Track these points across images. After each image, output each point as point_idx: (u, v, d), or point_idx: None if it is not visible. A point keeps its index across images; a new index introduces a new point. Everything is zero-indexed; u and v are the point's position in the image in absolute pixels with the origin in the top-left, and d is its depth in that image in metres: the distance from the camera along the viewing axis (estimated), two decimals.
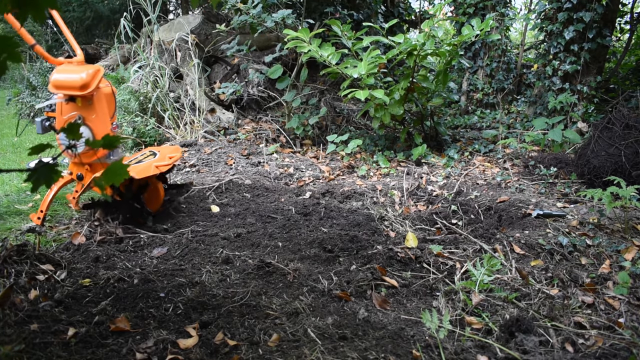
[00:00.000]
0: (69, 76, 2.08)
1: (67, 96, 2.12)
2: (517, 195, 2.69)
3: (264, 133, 4.02)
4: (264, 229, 2.11)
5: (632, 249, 1.95)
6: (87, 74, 2.09)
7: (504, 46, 5.13)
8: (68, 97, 2.12)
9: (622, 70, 5.29)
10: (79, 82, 2.06)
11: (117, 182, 0.90)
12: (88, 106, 2.14)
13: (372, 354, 1.28)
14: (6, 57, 0.72)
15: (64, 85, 2.08)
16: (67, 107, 2.14)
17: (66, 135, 0.83)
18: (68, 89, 2.08)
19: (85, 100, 2.12)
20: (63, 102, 2.13)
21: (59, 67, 2.13)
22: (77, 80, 2.06)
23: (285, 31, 3.35)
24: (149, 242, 2.01)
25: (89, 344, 1.27)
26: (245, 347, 1.30)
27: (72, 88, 2.08)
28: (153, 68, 4.35)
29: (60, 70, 2.11)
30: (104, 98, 2.18)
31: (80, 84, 2.06)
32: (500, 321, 1.47)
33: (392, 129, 4.06)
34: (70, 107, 2.14)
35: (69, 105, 2.14)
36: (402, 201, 2.71)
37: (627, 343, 1.38)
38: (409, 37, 3.42)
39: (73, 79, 2.07)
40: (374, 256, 1.85)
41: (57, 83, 2.08)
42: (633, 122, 2.84)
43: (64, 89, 2.09)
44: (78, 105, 2.13)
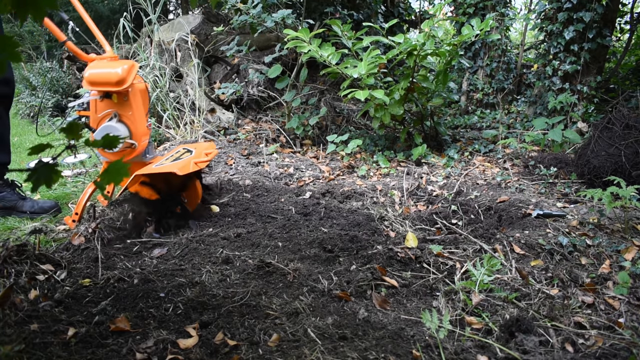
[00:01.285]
0: (104, 71, 2.03)
1: (102, 93, 2.07)
2: (517, 195, 2.69)
3: (264, 133, 4.02)
4: (264, 229, 2.11)
5: (632, 249, 1.95)
6: (122, 69, 2.03)
7: (504, 46, 5.13)
8: (103, 94, 2.07)
9: (622, 70, 5.29)
10: (115, 78, 2.01)
11: (117, 182, 0.90)
12: (124, 103, 2.09)
13: (372, 354, 1.28)
14: (6, 57, 0.72)
15: (99, 82, 2.03)
16: (101, 104, 2.09)
17: (66, 135, 0.83)
18: (103, 85, 2.03)
19: (121, 97, 2.08)
20: (97, 100, 2.08)
21: (92, 64, 2.08)
22: (113, 75, 2.01)
23: (285, 31, 3.35)
24: (149, 242, 2.01)
25: (89, 344, 1.27)
26: (245, 347, 1.30)
27: (108, 84, 2.02)
28: (153, 68, 4.35)
29: (95, 66, 2.06)
30: (139, 94, 2.14)
31: (116, 79, 2.01)
32: (500, 321, 1.47)
33: (392, 129, 4.06)
34: (105, 104, 2.09)
35: (103, 102, 2.09)
36: (402, 201, 2.71)
37: (627, 343, 1.37)
38: (409, 37, 3.42)
39: (109, 74, 2.02)
40: (374, 256, 1.85)
41: (92, 79, 2.03)
42: (633, 122, 2.84)
43: (99, 85, 2.04)
44: (114, 102, 2.08)
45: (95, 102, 2.09)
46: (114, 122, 2.07)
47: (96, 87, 2.04)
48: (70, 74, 6.08)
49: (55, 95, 5.67)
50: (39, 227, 2.06)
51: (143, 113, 2.15)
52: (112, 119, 2.08)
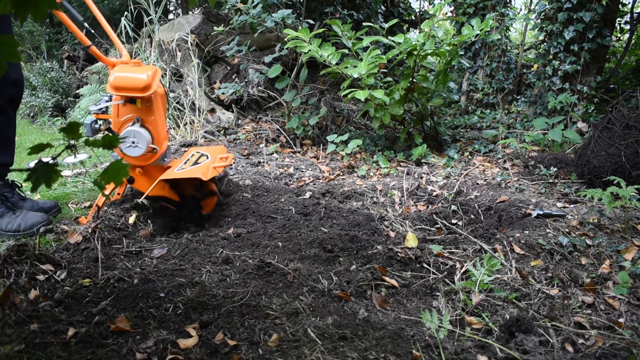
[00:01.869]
0: (130, 77, 2.03)
1: (126, 98, 2.07)
2: (517, 195, 2.69)
3: (264, 133, 4.02)
4: (264, 229, 2.11)
5: (632, 249, 1.95)
6: (147, 75, 2.04)
7: (504, 46, 5.13)
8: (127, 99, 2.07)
9: (622, 70, 5.29)
10: (141, 84, 2.02)
11: (117, 183, 0.90)
12: (147, 108, 2.10)
13: (372, 354, 1.28)
14: (6, 57, 0.72)
15: (125, 87, 2.03)
16: (124, 108, 2.10)
17: (66, 135, 0.83)
18: (129, 91, 2.03)
19: (145, 102, 2.08)
20: (120, 104, 2.08)
21: (116, 68, 2.08)
22: (139, 81, 2.02)
23: (286, 31, 3.35)
24: (149, 243, 2.01)
25: (89, 344, 1.27)
26: (245, 347, 1.30)
27: (134, 89, 2.02)
28: None
29: (120, 71, 2.05)
30: (160, 99, 2.15)
31: (142, 85, 2.02)
32: (500, 321, 1.47)
33: (392, 129, 4.06)
34: (127, 109, 2.10)
35: (126, 107, 2.09)
36: (402, 201, 2.71)
37: (627, 343, 1.37)
38: (409, 37, 3.42)
39: (135, 80, 2.02)
40: (374, 256, 1.85)
41: (117, 84, 2.03)
42: (633, 122, 2.84)
43: (125, 91, 2.04)
44: (137, 107, 2.09)
45: (118, 107, 2.10)
46: (137, 127, 2.08)
47: (121, 92, 2.04)
48: (70, 74, 6.08)
49: (55, 95, 5.67)
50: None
51: (163, 118, 2.17)
52: (135, 123, 2.10)
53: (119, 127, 2.11)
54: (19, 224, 2.01)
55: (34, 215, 2.05)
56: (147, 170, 2.22)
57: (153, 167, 2.22)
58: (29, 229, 2.00)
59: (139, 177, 2.22)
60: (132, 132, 2.07)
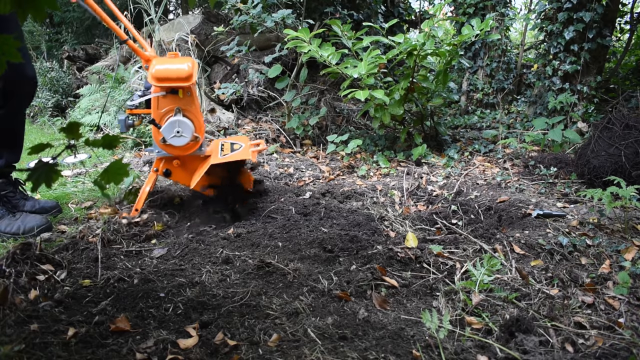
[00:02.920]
0: (173, 68, 2.06)
1: (167, 89, 2.10)
2: (517, 195, 2.69)
3: (264, 133, 4.02)
4: (264, 229, 2.11)
5: (632, 249, 1.95)
6: (188, 66, 2.08)
7: (504, 46, 5.14)
8: (168, 90, 2.10)
9: (622, 70, 5.29)
10: (184, 73, 2.05)
11: (117, 182, 0.90)
12: (188, 98, 2.13)
13: (372, 354, 1.28)
14: (6, 56, 0.72)
15: (169, 77, 2.06)
16: (164, 100, 2.13)
17: (66, 135, 0.83)
18: (173, 81, 2.07)
19: (185, 92, 2.12)
20: (160, 96, 2.11)
21: (156, 60, 2.11)
22: (181, 71, 2.05)
23: (286, 31, 3.35)
24: (150, 244, 2.01)
25: (89, 344, 1.27)
26: (245, 347, 1.30)
27: (178, 80, 2.06)
28: None
29: (161, 62, 2.09)
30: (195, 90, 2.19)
31: (185, 74, 2.05)
32: (500, 321, 1.47)
33: (392, 129, 4.06)
34: (168, 100, 2.13)
35: (167, 98, 2.12)
36: (402, 201, 2.71)
37: (627, 343, 1.37)
38: (409, 37, 3.42)
39: (178, 70, 2.06)
40: (374, 256, 1.85)
41: (160, 75, 2.06)
42: (633, 122, 2.84)
43: (169, 81, 2.07)
44: (179, 98, 2.12)
45: (158, 99, 2.13)
46: (180, 117, 2.12)
47: (164, 82, 2.07)
48: (70, 74, 6.08)
49: (55, 95, 5.67)
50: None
51: (199, 108, 2.22)
52: (177, 113, 2.14)
53: (159, 118, 2.14)
54: (19, 226, 2.01)
55: (33, 218, 2.05)
56: (184, 161, 2.25)
57: (191, 158, 2.26)
58: (28, 232, 2.00)
59: (177, 169, 2.25)
60: (177, 122, 2.11)
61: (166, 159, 2.23)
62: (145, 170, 3.09)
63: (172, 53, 2.21)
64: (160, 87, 2.10)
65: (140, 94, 2.20)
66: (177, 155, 2.21)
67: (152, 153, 2.27)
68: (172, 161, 2.23)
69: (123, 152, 3.78)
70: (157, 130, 2.13)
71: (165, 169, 2.23)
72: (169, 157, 2.23)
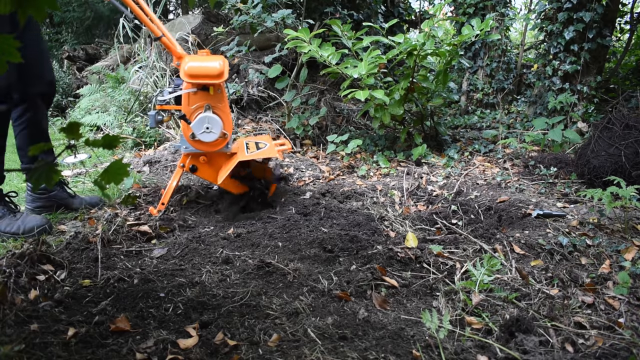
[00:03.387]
0: (205, 65, 2.12)
1: (199, 85, 2.15)
2: (517, 195, 2.69)
3: (263, 133, 4.02)
4: (264, 229, 2.11)
5: (632, 249, 1.95)
6: (219, 64, 2.13)
7: (504, 46, 5.14)
8: (200, 87, 2.15)
9: (622, 70, 5.29)
10: (216, 71, 2.11)
11: (117, 182, 0.90)
12: (217, 95, 2.19)
13: (372, 354, 1.28)
14: (6, 56, 0.72)
15: (201, 74, 2.12)
16: (195, 96, 2.18)
17: (66, 135, 0.83)
18: (205, 78, 2.12)
19: (216, 89, 2.17)
20: (191, 92, 2.16)
21: (188, 58, 2.16)
22: (213, 69, 2.11)
23: (286, 31, 3.35)
24: (150, 244, 2.01)
25: (89, 344, 1.27)
26: (245, 347, 1.30)
27: (210, 77, 2.12)
28: (153, 68, 4.35)
29: (194, 59, 2.14)
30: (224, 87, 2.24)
31: (217, 72, 2.11)
32: (500, 321, 1.47)
33: (392, 129, 4.06)
34: (199, 97, 2.18)
35: (197, 94, 2.18)
36: (402, 201, 2.71)
37: (627, 343, 1.38)
38: (409, 37, 3.42)
39: (210, 67, 2.11)
40: (374, 256, 1.85)
41: (193, 72, 2.11)
42: (633, 122, 2.84)
43: (201, 78, 2.12)
44: (209, 94, 2.17)
45: (189, 95, 2.18)
46: (209, 113, 2.18)
47: (197, 79, 2.13)
48: (70, 74, 6.08)
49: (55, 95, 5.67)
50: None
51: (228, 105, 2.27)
52: (207, 110, 2.19)
53: (189, 114, 2.19)
54: (19, 226, 2.02)
55: (33, 218, 2.06)
56: (210, 158, 2.30)
57: (217, 155, 2.31)
58: (28, 232, 2.00)
59: (203, 165, 2.30)
60: (206, 119, 2.16)
61: (193, 155, 2.28)
62: (145, 171, 3.09)
63: (203, 51, 2.27)
64: (191, 84, 2.15)
65: (170, 90, 2.25)
66: (204, 151, 2.26)
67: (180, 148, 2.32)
68: (199, 157, 2.28)
69: (123, 152, 3.78)
70: (187, 125, 2.18)
71: (191, 164, 2.28)
72: (196, 153, 2.27)
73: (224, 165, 2.32)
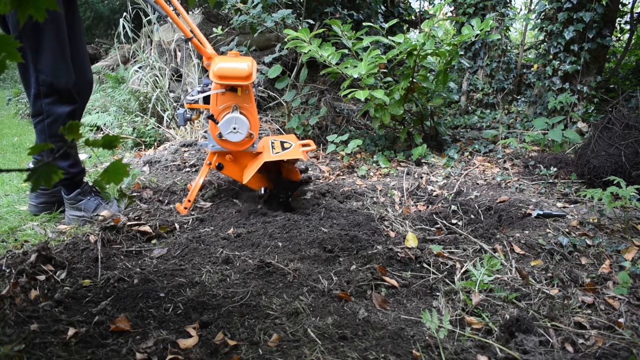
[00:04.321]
0: (234, 66, 2.16)
1: (227, 86, 2.19)
2: (517, 195, 2.69)
3: (263, 133, 4.02)
4: (264, 229, 2.11)
5: (632, 249, 1.95)
6: (248, 65, 2.16)
7: (504, 46, 5.13)
8: (228, 87, 2.19)
9: (622, 70, 5.29)
10: (244, 72, 2.15)
11: (117, 182, 0.90)
12: (245, 96, 2.22)
13: (372, 353, 1.28)
14: (5, 56, 0.72)
15: (230, 76, 2.16)
16: (223, 97, 2.22)
17: (66, 135, 0.83)
18: (233, 79, 2.16)
19: (244, 90, 2.21)
20: (219, 93, 2.20)
21: (217, 58, 2.20)
22: (242, 70, 2.15)
23: (286, 31, 3.35)
24: (150, 243, 2.01)
25: (89, 344, 1.27)
26: (245, 347, 1.30)
27: (239, 78, 2.16)
28: (153, 68, 4.35)
29: (223, 60, 2.18)
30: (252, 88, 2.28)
31: (245, 74, 2.15)
32: (500, 321, 1.47)
33: (392, 129, 4.06)
34: (227, 97, 2.22)
35: (225, 95, 2.21)
36: (402, 201, 2.71)
37: (627, 343, 1.38)
38: (409, 37, 3.42)
39: (239, 69, 2.15)
40: (374, 256, 1.85)
41: (222, 73, 2.15)
42: (633, 122, 2.84)
43: (229, 79, 2.16)
44: (237, 95, 2.21)
45: (217, 95, 2.22)
46: (237, 114, 2.22)
47: (226, 80, 2.17)
48: None
49: None
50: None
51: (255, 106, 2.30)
52: (234, 110, 2.23)
53: (217, 114, 2.23)
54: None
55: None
56: (236, 156, 2.35)
57: (243, 154, 2.36)
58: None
59: (229, 163, 2.35)
60: (233, 119, 2.20)
61: (219, 153, 2.33)
62: (145, 171, 3.09)
63: (232, 52, 2.30)
64: (220, 85, 2.19)
65: (199, 89, 2.29)
66: (231, 150, 2.31)
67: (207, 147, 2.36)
68: (225, 156, 2.33)
69: (123, 152, 3.78)
70: (215, 125, 2.22)
71: (217, 162, 2.33)
72: (222, 151, 2.32)
73: (249, 164, 2.36)
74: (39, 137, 2.14)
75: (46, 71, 2.02)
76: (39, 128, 2.11)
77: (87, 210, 2.22)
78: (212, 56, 2.26)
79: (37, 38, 1.98)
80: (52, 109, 2.07)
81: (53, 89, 2.05)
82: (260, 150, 2.35)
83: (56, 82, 2.04)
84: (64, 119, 2.08)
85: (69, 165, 2.19)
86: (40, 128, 2.10)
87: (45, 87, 2.04)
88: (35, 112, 2.10)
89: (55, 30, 2.01)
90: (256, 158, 2.33)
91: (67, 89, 2.08)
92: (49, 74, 2.02)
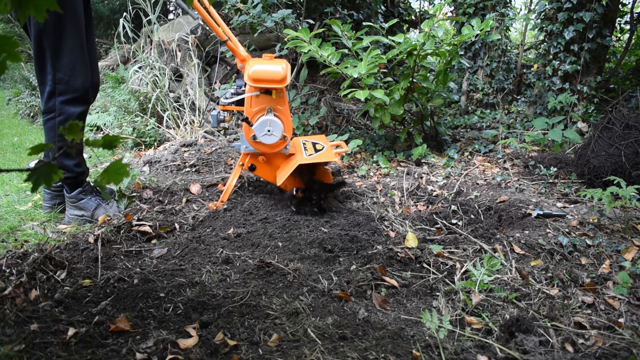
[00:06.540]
0: (269, 69, 2.17)
1: (262, 89, 2.20)
2: (517, 195, 2.69)
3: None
4: (264, 229, 2.11)
5: (632, 249, 1.95)
6: (282, 68, 2.18)
7: (504, 46, 5.13)
8: (263, 90, 2.21)
9: (622, 70, 5.29)
10: (279, 75, 2.16)
11: (117, 182, 0.90)
12: (279, 98, 2.24)
13: (372, 354, 1.28)
14: (6, 56, 0.72)
15: (265, 78, 2.17)
16: (257, 99, 2.24)
17: (66, 135, 0.83)
18: (268, 82, 2.17)
19: (278, 93, 2.22)
20: (254, 95, 2.21)
21: (251, 61, 2.22)
22: (277, 73, 2.16)
23: (286, 31, 3.35)
24: (150, 243, 2.01)
25: (89, 344, 1.27)
26: (245, 347, 1.30)
27: (274, 81, 2.17)
28: (153, 68, 4.35)
29: (258, 63, 2.19)
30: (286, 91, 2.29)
31: (280, 77, 2.16)
32: (500, 321, 1.47)
33: (392, 129, 4.06)
34: (261, 100, 2.23)
35: (260, 97, 2.23)
36: (402, 201, 2.71)
37: (627, 343, 1.38)
38: (409, 37, 3.42)
39: (274, 72, 2.17)
40: (374, 256, 1.85)
41: (257, 76, 2.17)
42: (633, 122, 2.84)
43: (264, 82, 2.18)
44: (271, 98, 2.22)
45: (251, 98, 2.24)
46: (271, 116, 2.23)
47: (260, 83, 2.18)
48: None
49: None
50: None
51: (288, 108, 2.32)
52: (269, 113, 2.24)
53: (251, 116, 2.26)
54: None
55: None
56: (269, 158, 2.36)
57: (276, 155, 2.37)
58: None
59: (261, 164, 2.36)
60: (268, 122, 2.22)
61: (252, 155, 2.34)
62: (145, 171, 3.09)
63: (267, 55, 2.31)
64: (255, 87, 2.20)
65: (233, 91, 2.31)
66: (264, 152, 2.32)
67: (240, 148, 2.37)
68: (258, 157, 2.35)
69: (123, 152, 3.78)
70: (249, 127, 2.23)
71: (250, 163, 2.35)
72: (255, 152, 2.33)
73: (282, 165, 2.36)
74: (48, 135, 2.14)
75: (64, 70, 2.04)
76: (48, 125, 2.12)
77: (87, 209, 2.23)
78: (245, 58, 2.26)
79: (58, 37, 2.00)
80: (64, 108, 2.09)
81: (69, 88, 2.06)
82: (292, 151, 2.35)
83: (73, 81, 2.06)
84: (75, 119, 2.09)
85: (74, 165, 2.20)
86: (50, 125, 2.11)
87: (62, 86, 2.05)
88: (47, 109, 2.10)
89: (76, 30, 2.03)
90: (289, 160, 2.33)
91: (84, 88, 2.09)
92: (67, 72, 2.04)
